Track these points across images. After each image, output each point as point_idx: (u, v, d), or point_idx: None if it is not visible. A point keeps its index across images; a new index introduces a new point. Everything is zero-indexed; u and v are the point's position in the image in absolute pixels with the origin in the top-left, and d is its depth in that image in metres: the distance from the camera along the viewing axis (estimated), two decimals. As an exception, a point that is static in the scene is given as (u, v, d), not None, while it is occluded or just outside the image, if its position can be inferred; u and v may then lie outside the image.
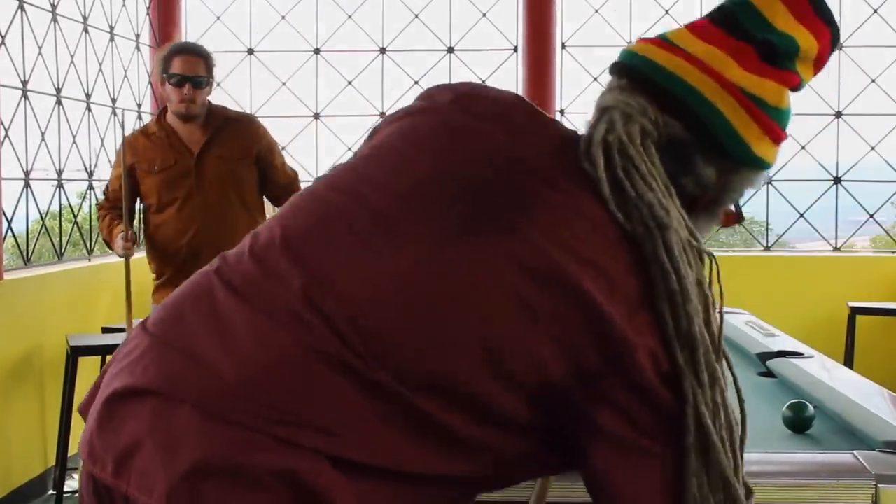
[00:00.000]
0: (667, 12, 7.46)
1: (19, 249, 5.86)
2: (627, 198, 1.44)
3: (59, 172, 6.14)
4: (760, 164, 1.59)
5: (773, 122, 1.59)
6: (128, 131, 4.85)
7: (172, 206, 4.60)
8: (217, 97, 7.68)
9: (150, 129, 4.71)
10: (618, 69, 1.60)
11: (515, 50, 7.55)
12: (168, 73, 4.54)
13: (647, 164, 1.47)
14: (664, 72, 1.53)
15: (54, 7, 6.07)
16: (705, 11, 1.63)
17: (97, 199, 6.79)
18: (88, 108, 6.55)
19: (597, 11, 7.52)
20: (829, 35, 1.60)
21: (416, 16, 7.72)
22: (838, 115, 7.42)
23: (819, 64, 1.63)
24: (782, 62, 1.57)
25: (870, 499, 1.71)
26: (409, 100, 5.06)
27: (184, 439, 1.37)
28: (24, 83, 5.69)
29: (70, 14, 6.34)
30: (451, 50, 7.65)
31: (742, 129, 1.53)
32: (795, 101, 1.68)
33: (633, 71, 1.56)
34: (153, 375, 1.44)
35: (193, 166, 4.59)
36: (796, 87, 1.63)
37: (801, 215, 7.56)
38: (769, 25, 1.55)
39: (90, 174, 6.57)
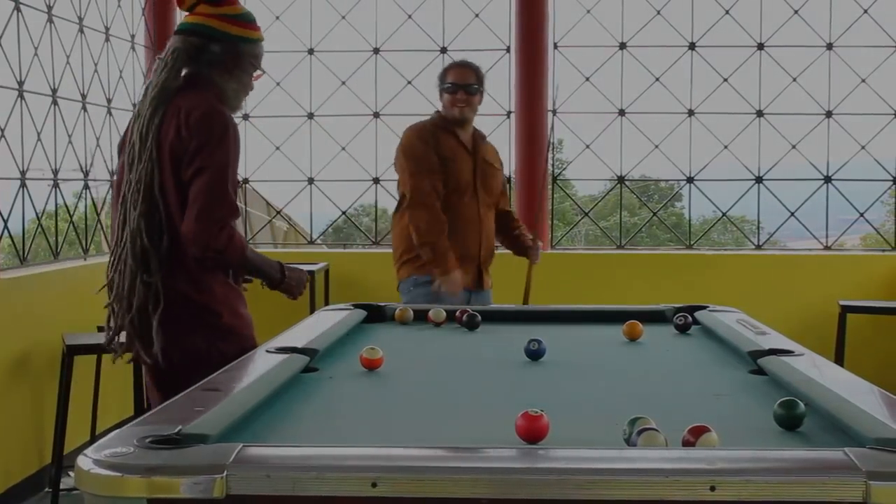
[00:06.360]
0: (658, 13, 7.49)
1: (15, 249, 5.87)
2: None
3: (55, 172, 6.15)
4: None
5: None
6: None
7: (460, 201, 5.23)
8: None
9: (438, 123, 5.31)
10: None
11: (508, 50, 7.58)
12: (443, 83, 5.27)
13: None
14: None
15: (50, 8, 6.09)
16: (696, 11, 1.68)
17: (92, 198, 6.81)
18: (84, 109, 6.56)
19: (588, 12, 7.55)
20: None
21: (410, 16, 7.75)
22: (829, 114, 7.45)
23: None
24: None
25: (860, 495, 1.72)
26: (402, 100, 5.36)
27: None
28: (20, 83, 5.71)
29: (66, 15, 6.35)
30: (444, 50, 7.67)
31: None
32: (788, 102, 1.76)
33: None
34: None
35: (473, 164, 5.27)
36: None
37: (792, 214, 7.60)
38: None
39: (86, 174, 6.59)
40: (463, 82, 5.23)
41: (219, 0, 3.51)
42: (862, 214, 7.61)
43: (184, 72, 3.51)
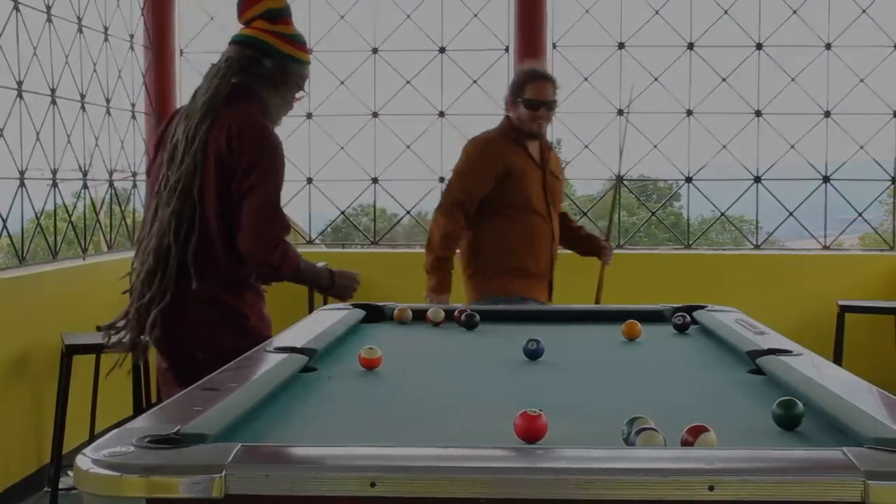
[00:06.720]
0: (657, 12, 7.49)
1: (14, 249, 5.87)
2: None
3: (54, 172, 6.15)
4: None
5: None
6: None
7: (534, 212, 5.03)
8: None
9: (509, 134, 5.05)
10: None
11: (507, 50, 7.58)
12: (524, 98, 4.97)
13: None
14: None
15: (49, 7, 6.09)
16: (695, 11, 1.68)
17: (91, 198, 6.81)
18: (83, 108, 6.56)
19: (587, 11, 7.55)
20: None
21: (409, 16, 7.74)
22: (827, 114, 7.45)
23: None
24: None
25: (859, 495, 1.72)
26: (401, 100, 5.46)
27: None
28: (20, 83, 5.71)
29: (64, 15, 6.36)
30: (442, 50, 7.68)
31: None
32: (787, 102, 1.78)
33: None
34: None
35: (542, 177, 5.05)
36: None
37: (791, 214, 7.60)
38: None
39: (84, 174, 6.59)
40: (545, 99, 4.99)
41: (276, 18, 3.66)
42: (860, 214, 7.61)
43: (232, 80, 3.63)
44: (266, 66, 3.64)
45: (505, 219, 4.98)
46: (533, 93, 4.98)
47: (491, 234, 4.98)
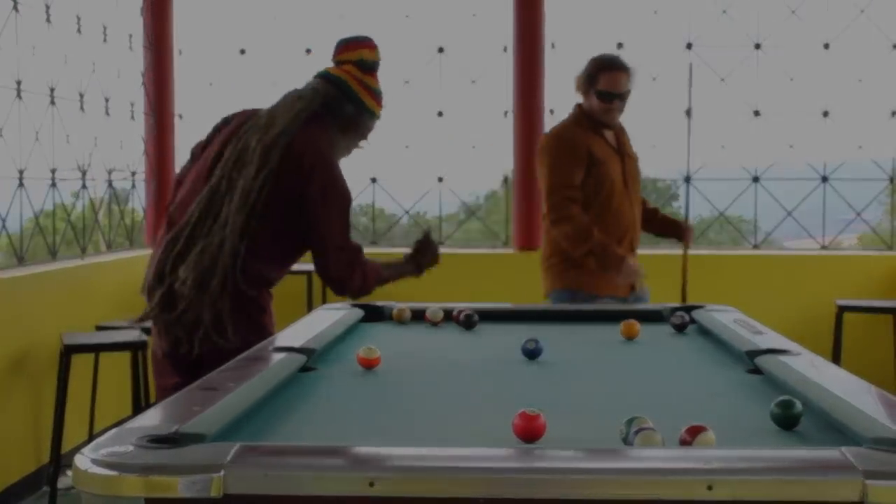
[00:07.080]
0: (655, 13, 7.49)
1: (13, 248, 5.87)
2: None
3: (53, 171, 6.15)
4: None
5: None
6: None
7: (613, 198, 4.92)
8: (209, 97, 7.70)
9: (583, 123, 4.96)
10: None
11: (505, 50, 7.58)
12: (597, 89, 4.88)
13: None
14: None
15: (48, 7, 6.09)
16: (693, 13, 1.68)
17: (90, 198, 6.81)
18: (81, 108, 6.56)
19: (586, 12, 7.55)
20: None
21: (407, 16, 7.74)
22: (825, 114, 7.45)
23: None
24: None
25: (857, 495, 1.72)
26: (399, 98, 5.56)
27: None
28: (18, 83, 5.71)
29: (63, 14, 6.35)
30: (441, 50, 7.67)
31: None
32: (785, 102, 1.78)
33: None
34: None
35: (621, 162, 4.96)
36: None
37: (789, 214, 7.60)
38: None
39: (83, 173, 6.59)
40: (619, 91, 4.87)
41: (367, 70, 3.90)
42: (859, 214, 7.61)
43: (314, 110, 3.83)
44: (346, 110, 3.85)
45: (588, 208, 4.86)
46: (606, 84, 4.88)
47: None
